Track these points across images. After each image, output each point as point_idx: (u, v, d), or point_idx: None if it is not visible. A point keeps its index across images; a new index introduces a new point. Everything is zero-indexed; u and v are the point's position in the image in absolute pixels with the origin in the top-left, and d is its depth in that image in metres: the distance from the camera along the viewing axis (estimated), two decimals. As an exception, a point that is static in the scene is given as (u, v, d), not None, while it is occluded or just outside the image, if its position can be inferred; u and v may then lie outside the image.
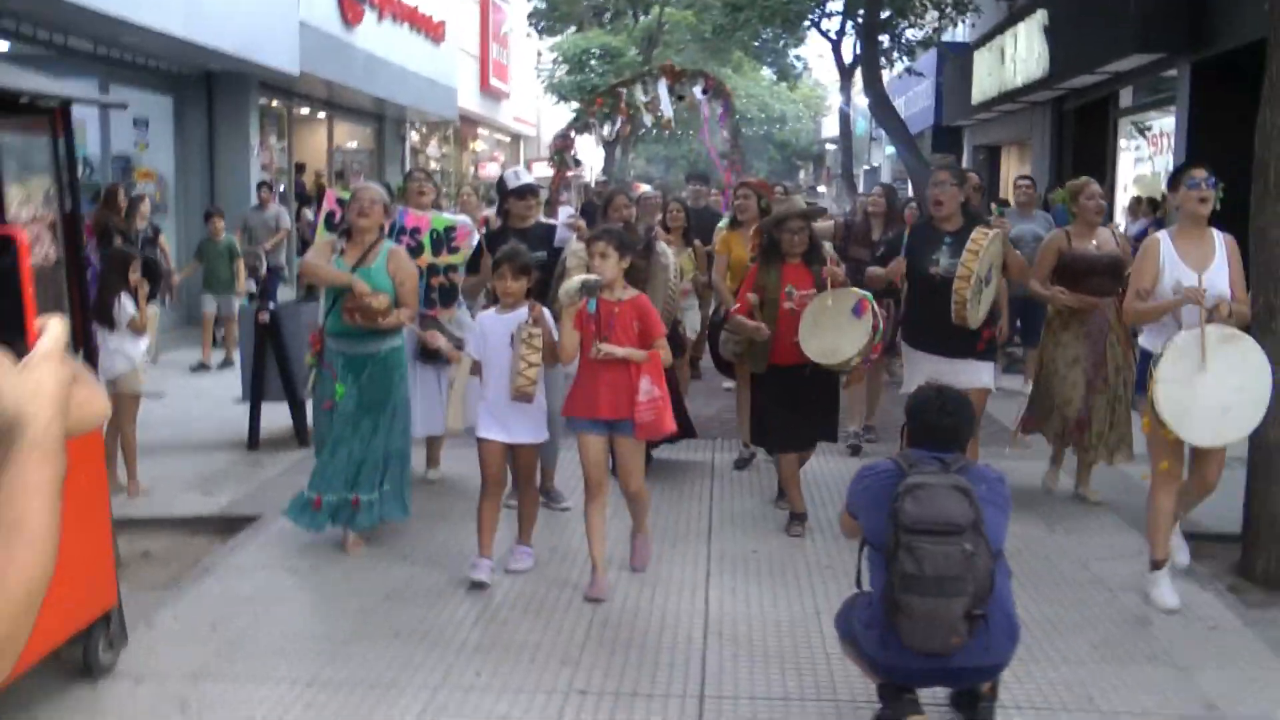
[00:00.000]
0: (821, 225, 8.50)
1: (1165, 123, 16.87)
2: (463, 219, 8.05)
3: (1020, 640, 4.17)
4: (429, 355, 7.56)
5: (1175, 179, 6.15)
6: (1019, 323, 10.97)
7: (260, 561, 6.41)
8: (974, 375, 6.85)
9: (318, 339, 6.83)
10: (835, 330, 6.57)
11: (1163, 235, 6.13)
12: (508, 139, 42.68)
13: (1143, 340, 6.23)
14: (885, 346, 7.78)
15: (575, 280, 5.86)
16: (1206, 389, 5.56)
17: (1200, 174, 5.98)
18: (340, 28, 19.97)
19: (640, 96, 13.60)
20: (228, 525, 7.06)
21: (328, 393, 6.59)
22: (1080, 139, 20.34)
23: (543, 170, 42.84)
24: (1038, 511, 7.34)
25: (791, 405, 6.84)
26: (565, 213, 8.79)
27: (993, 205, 7.98)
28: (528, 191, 7.63)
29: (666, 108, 13.68)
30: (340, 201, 7.32)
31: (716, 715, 4.57)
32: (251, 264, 14.35)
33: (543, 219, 7.85)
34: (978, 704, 4.36)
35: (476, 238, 7.77)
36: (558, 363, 6.14)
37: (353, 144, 26.22)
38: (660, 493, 7.48)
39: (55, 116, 4.56)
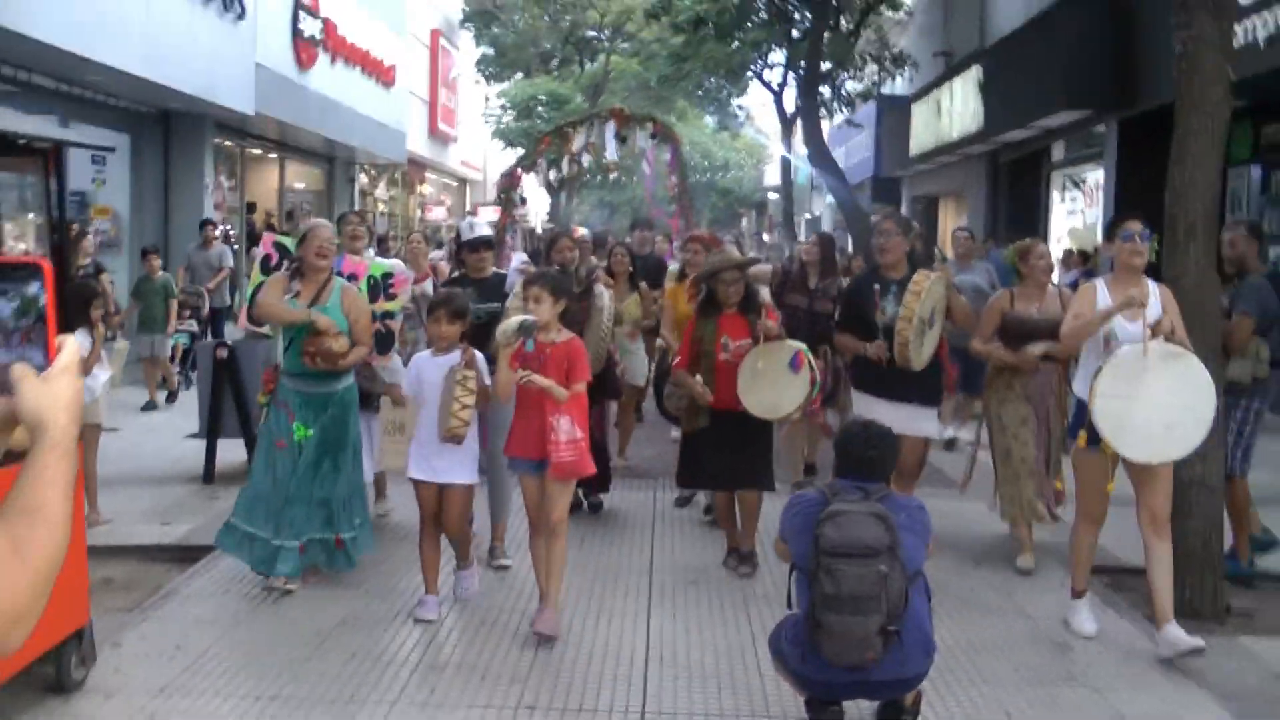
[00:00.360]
0: (759, 270, 8.73)
1: (1096, 175, 17.50)
2: (399, 265, 8.18)
3: (935, 656, 4.53)
4: (364, 401, 7.52)
5: (1111, 231, 6.26)
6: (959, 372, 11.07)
7: (219, 588, 6.66)
8: (919, 423, 7.13)
9: (271, 377, 6.90)
10: (773, 384, 6.70)
11: (1098, 282, 6.24)
12: (455, 183, 43.06)
13: (1075, 386, 6.29)
14: (825, 397, 8.06)
15: (514, 321, 6.01)
16: (1146, 405, 5.61)
17: (1135, 227, 6.07)
18: (294, 70, 20.29)
19: (586, 138, 13.71)
20: (186, 554, 7.29)
21: (281, 432, 6.58)
22: (1015, 191, 21.01)
23: (489, 215, 43.27)
24: (963, 547, 7.61)
25: (724, 448, 6.94)
26: (518, 259, 9.01)
27: (935, 251, 7.73)
28: (481, 244, 7.68)
29: (611, 151, 13.77)
30: (278, 245, 7.47)
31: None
32: (194, 303, 14.45)
33: (497, 270, 7.89)
34: (900, 718, 4.71)
35: (412, 285, 7.94)
36: (495, 404, 6.33)
37: (302, 185, 26.43)
38: (603, 528, 7.82)
39: (49, 157, 4.88)
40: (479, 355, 6.27)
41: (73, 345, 1.73)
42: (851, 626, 4.25)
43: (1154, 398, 5.62)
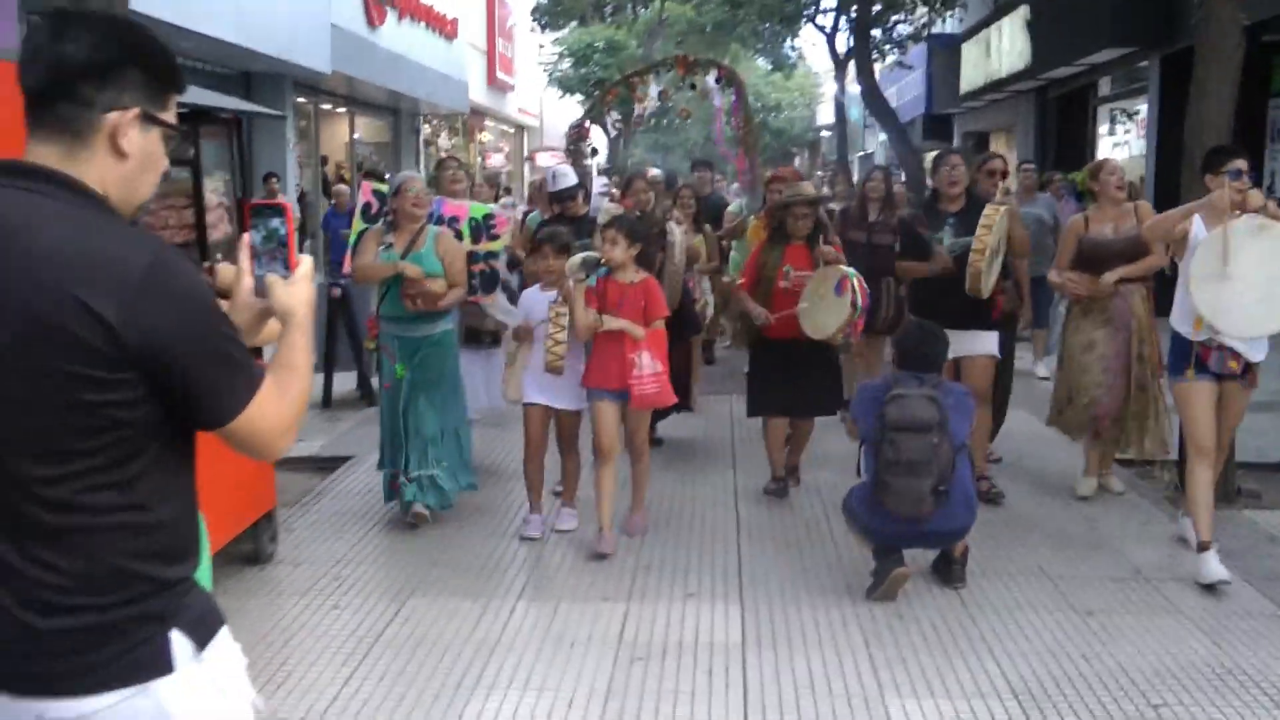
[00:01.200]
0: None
1: (1141, 109, 18.14)
2: (498, 207, 8.47)
3: (975, 513, 5.52)
4: (471, 338, 8.05)
5: (1214, 162, 6.04)
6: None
7: (360, 488, 7.70)
8: (982, 344, 7.15)
9: (373, 324, 7.25)
10: (823, 306, 6.89)
11: (1196, 219, 6.00)
12: (512, 130, 43.85)
13: (1173, 319, 6.14)
14: (887, 326, 8.48)
15: (576, 258, 6.47)
16: (1238, 281, 5.59)
17: (1242, 164, 5.92)
18: (365, 28, 21.26)
19: (653, 86, 13.83)
20: (322, 464, 8.33)
21: (387, 375, 6.94)
22: (1062, 126, 21.63)
23: (547, 159, 44.10)
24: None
25: (788, 376, 7.19)
26: (600, 182, 9.49)
27: (1000, 185, 7.89)
28: (567, 195, 8.22)
29: (677, 99, 14.43)
30: (377, 193, 7.64)
31: (752, 586, 5.87)
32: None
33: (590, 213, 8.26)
34: (951, 566, 5.71)
35: (512, 225, 8.18)
36: (580, 340, 6.49)
37: (369, 137, 27.41)
38: (684, 453, 8.73)
39: (233, 126, 5.91)
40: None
41: (308, 260, 2.38)
42: (910, 486, 5.25)
43: (1246, 274, 5.60)
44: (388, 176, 15.03)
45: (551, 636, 5.23)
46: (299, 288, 2.30)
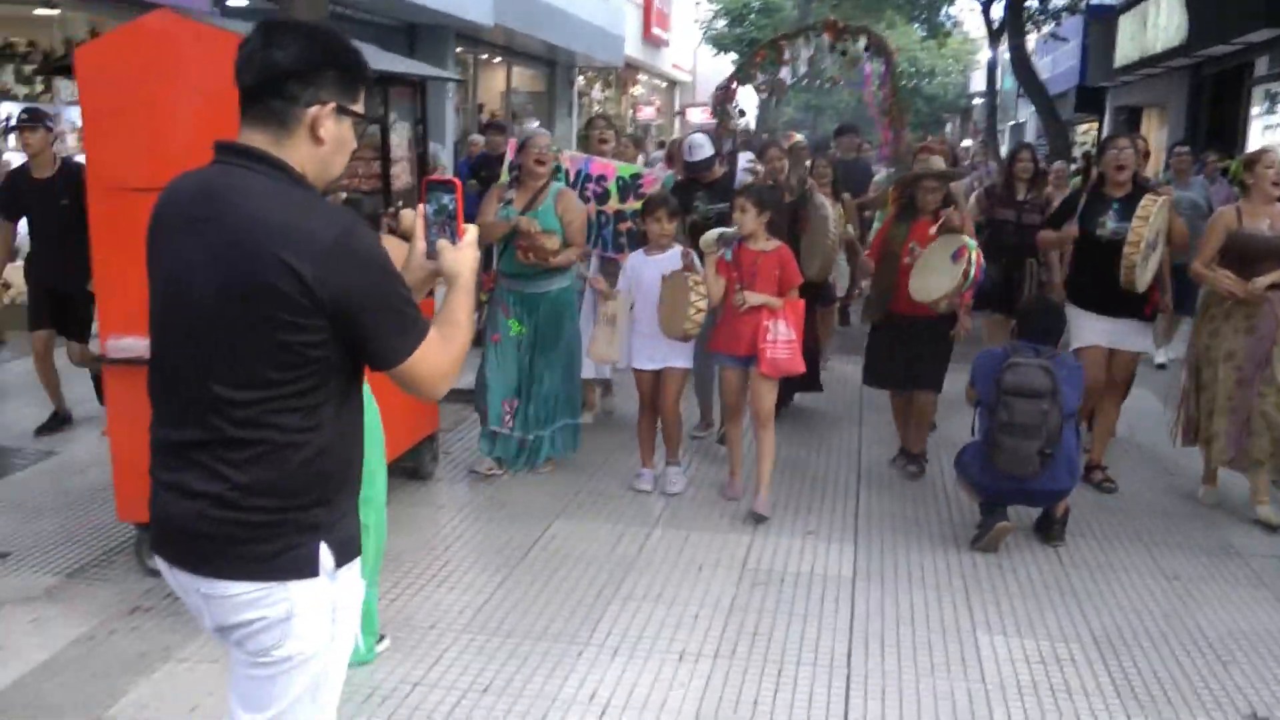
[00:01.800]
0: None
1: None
2: (648, 170, 8.51)
3: (1078, 477, 6.00)
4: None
5: None
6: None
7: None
8: (1136, 338, 7.10)
9: (490, 278, 7.35)
10: (934, 272, 6.83)
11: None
12: (664, 84, 44.30)
13: None
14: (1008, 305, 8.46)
15: (713, 233, 6.58)
16: None
17: None
18: (527, -19, 21.91)
19: (803, 50, 13.49)
20: (466, 396, 8.73)
21: (497, 328, 6.99)
22: (1216, 104, 21.45)
23: (697, 115, 44.44)
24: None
25: (901, 351, 7.21)
26: (744, 158, 9.49)
27: (1157, 174, 7.63)
28: (702, 167, 7.98)
29: (830, 64, 13.60)
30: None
31: (867, 529, 6.39)
32: None
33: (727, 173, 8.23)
34: (1052, 525, 6.18)
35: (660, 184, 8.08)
36: (711, 306, 6.59)
37: (524, 87, 28.10)
38: (818, 400, 9.10)
39: (417, 88, 6.57)
40: (695, 256, 6.69)
41: (473, 230, 2.74)
42: (1019, 447, 5.73)
43: None
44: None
45: (682, 560, 5.83)
46: (465, 254, 2.69)
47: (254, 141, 2.48)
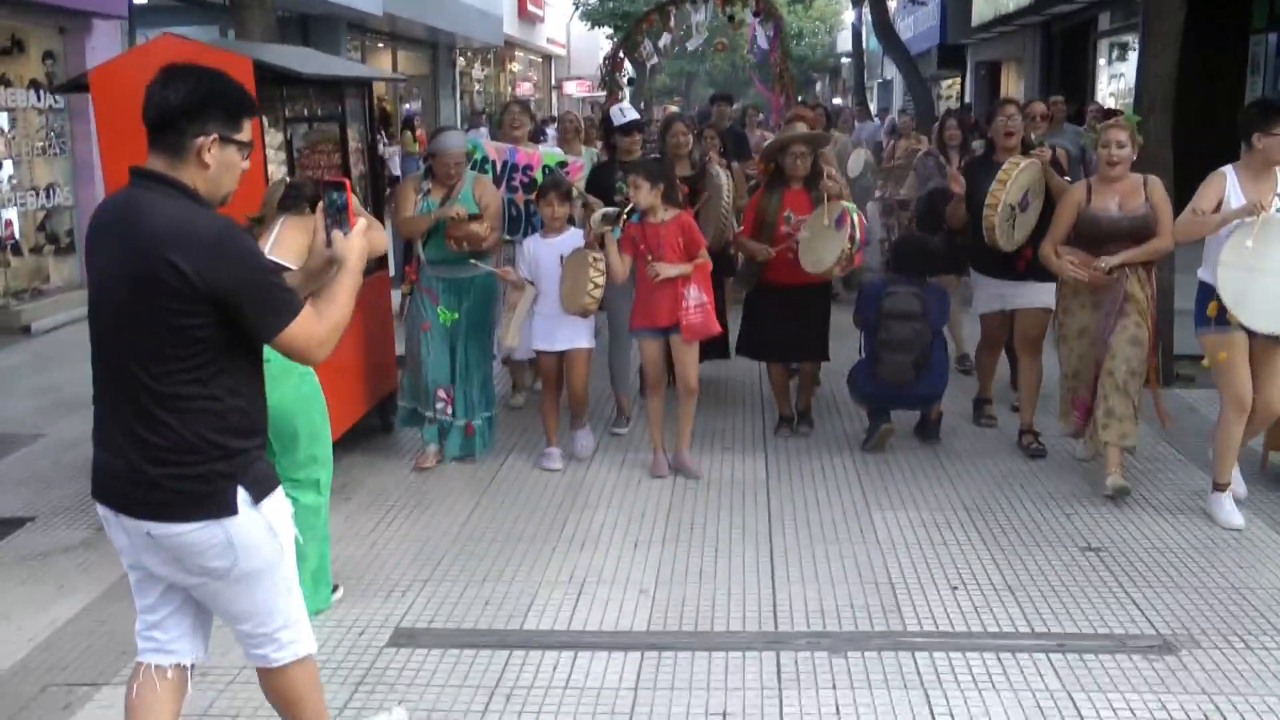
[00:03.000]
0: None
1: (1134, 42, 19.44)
2: (572, 156, 8.40)
3: (947, 381, 7.29)
4: None
5: (1262, 121, 5.88)
6: None
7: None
8: (1034, 295, 7.12)
9: (413, 268, 7.23)
10: (823, 241, 7.03)
11: (1228, 170, 6.07)
12: (540, 59, 45.13)
13: (1200, 273, 6.13)
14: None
15: (597, 213, 6.79)
16: (1266, 275, 5.68)
17: None
18: (410, -30, 22.69)
19: (692, 15, 13.45)
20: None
21: (427, 315, 7.06)
22: (1065, 57, 22.98)
23: (573, 89, 45.12)
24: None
25: (782, 321, 7.40)
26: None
27: (1033, 136, 7.35)
28: (633, 128, 8.05)
29: (696, 36, 13.87)
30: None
31: (774, 444, 7.50)
32: None
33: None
34: (928, 426, 7.45)
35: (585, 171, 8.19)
36: (617, 284, 6.86)
37: (409, 70, 28.75)
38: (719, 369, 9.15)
39: (366, 89, 7.54)
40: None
41: (362, 222, 3.39)
42: (897, 359, 6.96)
43: (1276, 268, 5.67)
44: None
45: (623, 477, 6.95)
46: (353, 242, 3.32)
47: (156, 166, 3.05)
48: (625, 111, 8.33)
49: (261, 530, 3.19)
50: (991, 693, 4.37)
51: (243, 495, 3.14)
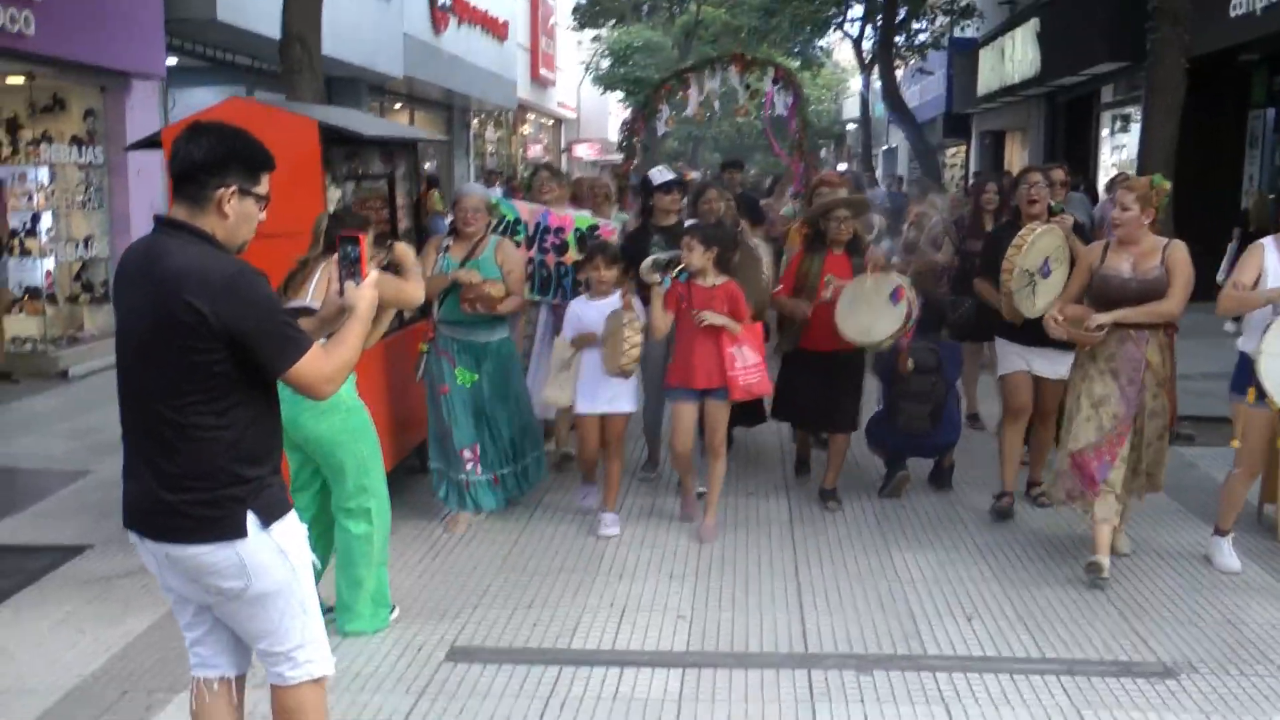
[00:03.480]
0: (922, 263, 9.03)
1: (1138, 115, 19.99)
2: (604, 220, 8.37)
3: (960, 431, 7.74)
4: None
5: None
6: None
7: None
8: (1056, 366, 6.98)
9: (429, 327, 7.13)
10: (872, 312, 6.90)
11: (1269, 244, 6.25)
12: (551, 122, 45.88)
13: (1240, 344, 6.37)
14: (959, 334, 8.58)
15: (647, 260, 6.89)
16: None
17: None
18: (431, 35, 23.37)
19: (714, 84, 13.34)
20: None
21: (443, 377, 7.02)
22: (1070, 128, 23.55)
23: (584, 150, 45.75)
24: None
25: (815, 387, 7.36)
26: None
27: (1052, 203, 7.24)
28: (673, 185, 8.01)
29: (740, 97, 13.50)
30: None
31: (797, 488, 7.88)
32: None
33: (680, 217, 8.11)
34: (941, 474, 7.87)
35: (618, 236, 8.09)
36: (657, 340, 6.87)
37: (427, 131, 29.38)
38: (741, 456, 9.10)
39: (413, 149, 8.00)
40: (636, 298, 6.94)
41: (374, 275, 3.58)
42: (915, 410, 7.35)
43: None
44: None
45: (653, 519, 7.37)
46: (364, 291, 3.53)
47: (179, 215, 3.28)
48: (663, 172, 8.29)
49: (271, 552, 3.37)
50: (1007, 708, 4.76)
51: (252, 519, 3.32)
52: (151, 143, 6.70)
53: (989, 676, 5.04)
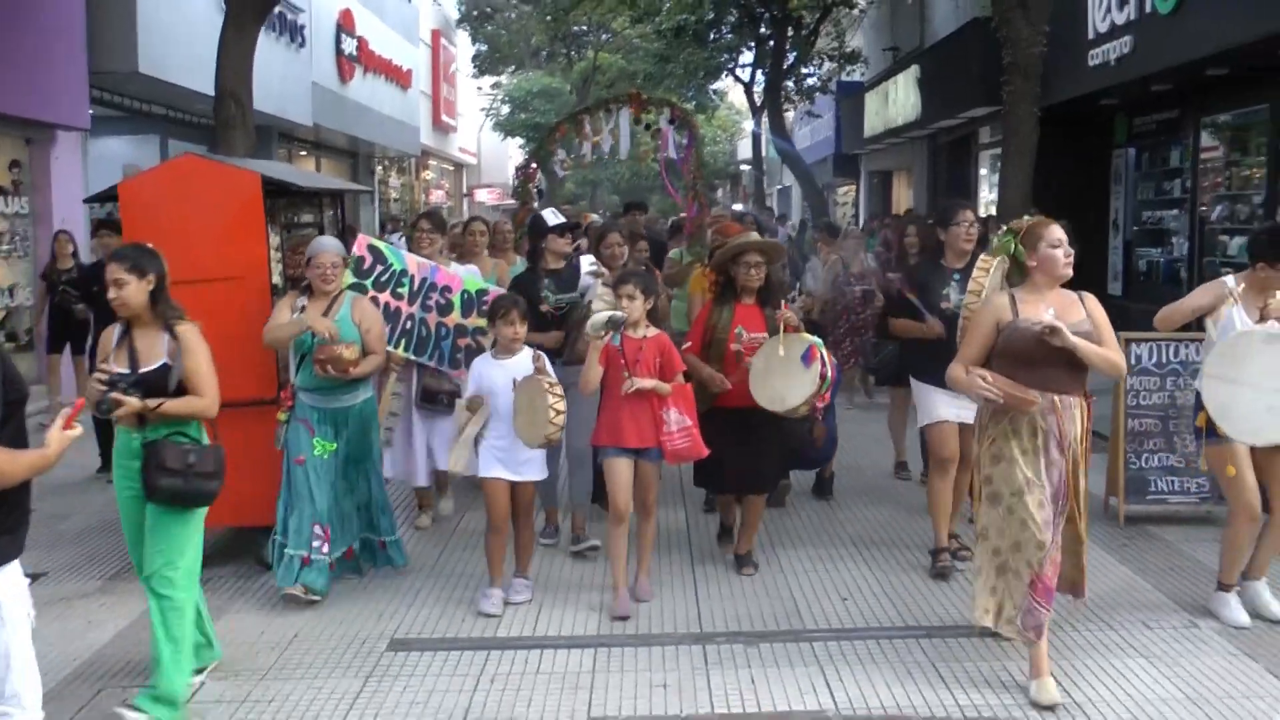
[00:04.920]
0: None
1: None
2: (494, 286, 7.95)
3: (837, 445, 8.53)
4: (428, 398, 7.89)
5: (1266, 251, 6.10)
6: None
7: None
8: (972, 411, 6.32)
9: (289, 395, 6.72)
10: (784, 377, 6.45)
11: (1228, 280, 6.30)
12: (452, 168, 46.57)
13: (1199, 384, 6.08)
14: (882, 378, 8.72)
15: (602, 316, 6.22)
16: (1249, 388, 5.56)
17: None
18: (338, 84, 24.03)
19: (607, 124, 12.89)
20: None
21: (303, 447, 6.57)
22: (951, 168, 24.73)
23: (483, 195, 46.39)
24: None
25: (734, 448, 6.78)
26: (587, 261, 8.14)
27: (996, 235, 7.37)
28: (568, 228, 7.66)
29: (625, 139, 13.13)
30: (372, 249, 7.55)
31: (694, 499, 8.70)
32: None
33: (570, 261, 7.69)
34: (823, 483, 8.76)
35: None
36: (587, 396, 6.61)
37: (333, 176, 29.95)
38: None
39: (338, 198, 8.74)
40: (544, 356, 6.53)
41: (70, 434, 3.82)
42: (796, 426, 7.44)
43: (1258, 381, 5.54)
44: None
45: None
46: (64, 434, 3.79)
47: None
48: (556, 213, 7.85)
49: None
50: (873, 666, 5.67)
51: None
52: (108, 196, 7.34)
53: (859, 643, 5.91)
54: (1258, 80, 13.11)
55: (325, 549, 6.58)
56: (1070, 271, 5.41)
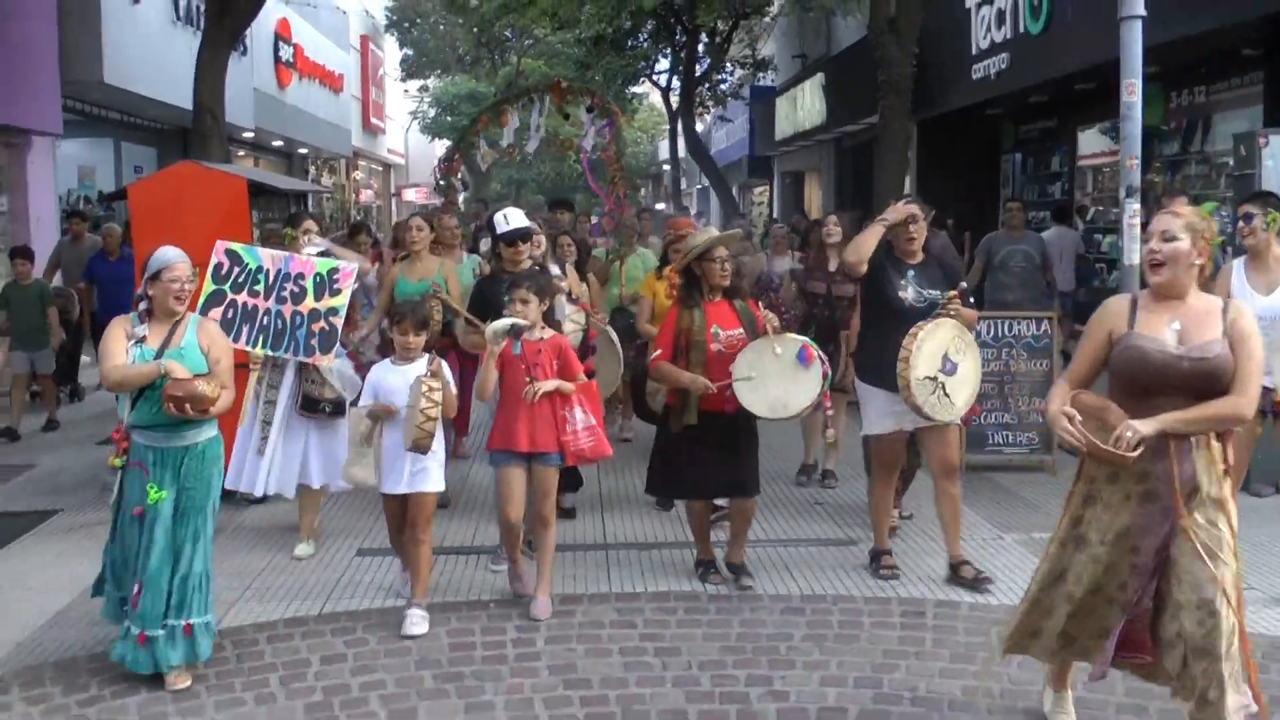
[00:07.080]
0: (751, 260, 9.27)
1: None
2: (344, 263, 7.63)
3: None
4: (308, 406, 7.43)
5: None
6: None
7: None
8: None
9: (124, 436, 5.64)
10: (781, 380, 6.20)
11: (1237, 264, 6.46)
12: (381, 168, 47.74)
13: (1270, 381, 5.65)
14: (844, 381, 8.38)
15: (504, 323, 6.02)
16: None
17: (1248, 208, 6.55)
18: (276, 89, 25.36)
19: (533, 117, 12.62)
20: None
21: (138, 498, 5.55)
22: (855, 170, 26.21)
23: (412, 195, 47.48)
24: None
25: (712, 452, 6.53)
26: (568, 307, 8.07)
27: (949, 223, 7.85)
28: (518, 237, 7.31)
29: (534, 140, 13.04)
30: (231, 253, 7.43)
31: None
32: (62, 305, 12.49)
33: (538, 266, 7.60)
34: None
35: (355, 279, 7.52)
36: (484, 401, 6.58)
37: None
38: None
39: (296, 197, 10.16)
40: (444, 363, 6.17)
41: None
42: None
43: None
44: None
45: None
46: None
47: None
48: (509, 218, 7.51)
49: None
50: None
51: None
52: (117, 195, 8.72)
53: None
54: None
55: (133, 608, 5.55)
56: (1161, 274, 4.26)
